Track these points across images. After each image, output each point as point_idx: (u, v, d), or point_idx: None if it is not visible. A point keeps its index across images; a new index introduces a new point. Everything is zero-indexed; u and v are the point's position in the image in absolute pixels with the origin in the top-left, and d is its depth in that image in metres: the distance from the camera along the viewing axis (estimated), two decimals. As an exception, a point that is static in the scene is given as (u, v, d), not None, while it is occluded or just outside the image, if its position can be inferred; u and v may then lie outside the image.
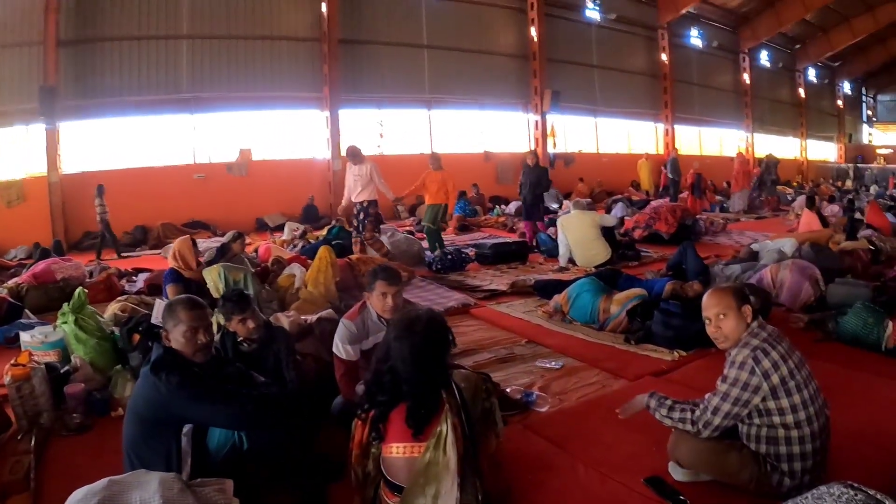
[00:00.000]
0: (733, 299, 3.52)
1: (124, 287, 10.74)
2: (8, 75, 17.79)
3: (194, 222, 19.23)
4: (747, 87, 36.13)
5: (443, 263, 11.40)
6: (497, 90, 26.19)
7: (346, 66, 22.33)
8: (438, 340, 3.33)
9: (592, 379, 5.70)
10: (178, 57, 20.08)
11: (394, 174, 13.13)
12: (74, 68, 18.68)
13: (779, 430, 3.35)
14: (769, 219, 19.75)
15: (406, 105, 24.59)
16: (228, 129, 21.57)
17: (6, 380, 4.97)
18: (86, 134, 19.63)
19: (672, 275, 9.19)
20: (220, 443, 3.72)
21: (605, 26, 29.34)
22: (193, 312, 3.51)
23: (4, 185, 17.60)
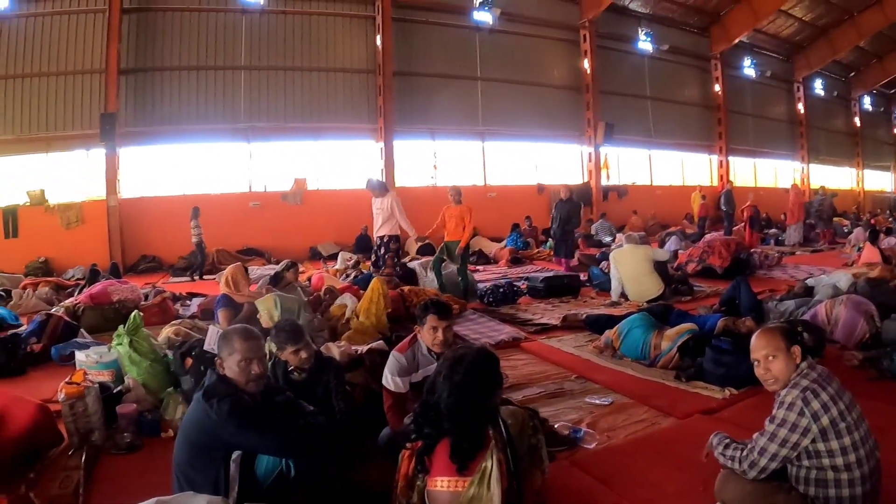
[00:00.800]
0: (782, 340, 3.46)
1: (178, 311, 10.99)
2: (70, 101, 18.53)
3: (249, 249, 19.49)
4: (802, 116, 35.75)
5: (494, 296, 11.37)
6: (550, 122, 26.22)
7: (401, 97, 22.59)
8: (484, 379, 3.32)
9: (641, 416, 5.61)
10: (235, 87, 20.60)
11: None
12: (134, 96, 19.35)
13: (828, 472, 3.26)
14: (825, 252, 19.44)
15: (459, 136, 24.74)
16: (284, 158, 21.97)
17: (60, 397, 5.05)
18: (144, 160, 20.21)
19: (725, 310, 9.07)
20: (267, 469, 3.72)
21: (658, 57, 29.29)
22: (249, 343, 3.57)
23: (64, 207, 18.20)
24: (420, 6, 23.39)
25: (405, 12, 22.95)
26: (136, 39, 19.35)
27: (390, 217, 11.90)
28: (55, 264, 17.35)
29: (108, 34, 18.38)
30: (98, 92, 18.71)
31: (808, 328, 6.77)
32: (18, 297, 12.03)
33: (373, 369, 5.65)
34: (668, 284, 11.17)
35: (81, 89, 18.78)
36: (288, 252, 17.42)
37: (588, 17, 26.09)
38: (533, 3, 25.67)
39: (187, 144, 20.66)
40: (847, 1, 30.53)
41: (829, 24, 32.56)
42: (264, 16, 20.86)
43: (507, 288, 11.78)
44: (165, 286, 13.87)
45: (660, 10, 29.06)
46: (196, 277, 16.04)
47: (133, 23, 19.30)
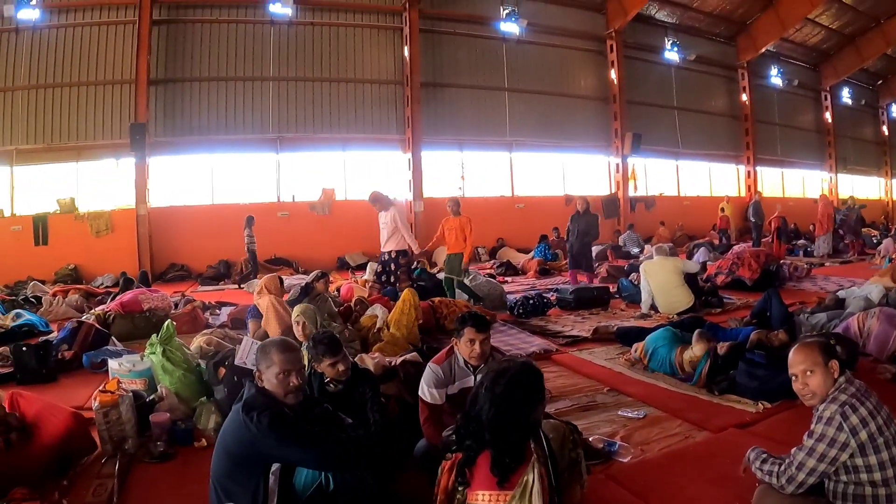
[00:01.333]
0: (820, 355, 3.44)
1: (208, 320, 11.11)
2: (101, 111, 18.82)
3: (277, 259, 19.58)
4: (829, 126, 35.42)
5: (524, 308, 11.34)
6: (577, 133, 26.18)
7: (428, 108, 22.67)
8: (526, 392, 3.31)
9: (675, 430, 5.59)
10: (264, 98, 20.75)
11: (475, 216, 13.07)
12: (164, 106, 19.55)
13: (866, 487, 3.25)
14: (854, 263, 19.30)
15: (487, 147, 24.74)
16: (312, 168, 22.02)
17: (94, 405, 5.10)
18: (173, 169, 20.39)
19: (756, 323, 9.05)
20: (306, 483, 3.73)
21: (685, 67, 29.18)
22: (287, 355, 3.60)
23: (94, 215, 18.44)
24: (447, 17, 23.47)
25: (432, 23, 23.03)
26: (166, 50, 19.58)
27: (395, 231, 11.80)
28: (84, 272, 17.57)
29: (138, 45, 18.60)
30: (128, 102, 18.95)
31: (841, 341, 6.70)
32: (49, 304, 12.13)
33: (406, 381, 5.67)
34: (698, 297, 11.12)
35: (112, 99, 19.02)
36: (316, 262, 17.53)
37: (615, 27, 26.06)
38: (559, 14, 25.68)
39: (216, 154, 20.81)
40: (874, 8, 30.29)
41: (856, 32, 32.35)
42: (293, 27, 20.98)
43: (537, 299, 11.73)
44: (194, 295, 13.94)
45: (686, 20, 28.93)
46: (244, 287, 16.09)
47: (162, 34, 19.52)
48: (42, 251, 17.78)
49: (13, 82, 18.29)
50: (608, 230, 25.73)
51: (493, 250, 22.53)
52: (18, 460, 4.42)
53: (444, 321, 9.59)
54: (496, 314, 11.06)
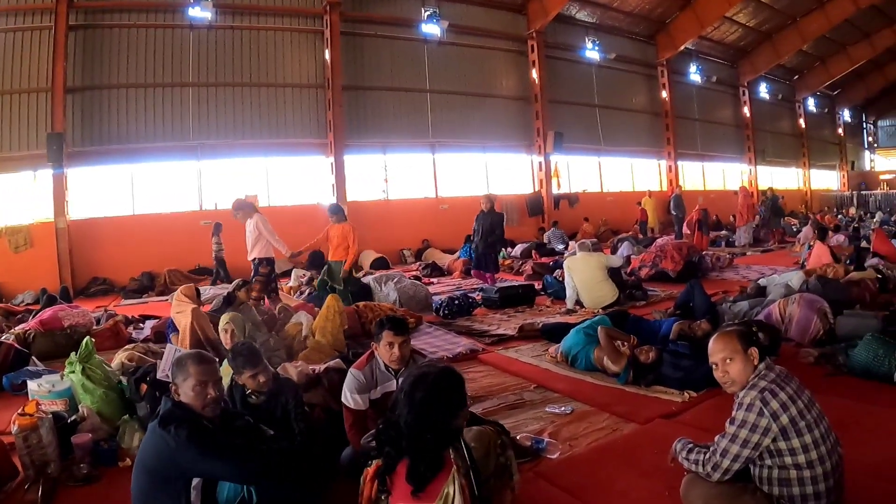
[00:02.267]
0: (739, 343, 3.52)
1: (131, 334, 10.82)
2: (16, 121, 18.12)
3: (201, 268, 19.25)
4: (748, 120, 36.47)
5: (450, 308, 11.37)
6: (500, 132, 26.33)
7: (350, 111, 22.52)
8: (446, 398, 3.27)
9: (602, 423, 5.63)
10: (184, 104, 20.34)
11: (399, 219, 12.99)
12: (82, 115, 18.96)
13: (791, 470, 3.32)
14: (775, 251, 19.79)
15: (410, 149, 24.71)
16: (235, 175, 21.72)
17: (13, 429, 4.95)
18: (93, 180, 19.83)
19: (680, 314, 9.19)
20: (229, 497, 3.71)
21: (605, 66, 29.54)
22: (203, 367, 3.54)
23: (12, 230, 17.74)
24: (368, 20, 23.36)
25: (354, 26, 22.89)
26: (83, 57, 19.00)
27: (259, 238, 11.54)
28: (4, 289, 16.94)
29: (54, 52, 18.01)
30: (44, 111, 18.31)
31: (763, 328, 6.84)
32: (-33, 324, 11.72)
33: (331, 388, 5.60)
34: (622, 290, 11.26)
35: (27, 109, 18.36)
36: (241, 270, 17.18)
37: (535, 27, 26.27)
38: (481, 15, 25.80)
39: (137, 164, 20.29)
40: (790, 6, 31.23)
41: (773, 29, 33.29)
42: (212, 31, 20.62)
43: (462, 300, 11.78)
44: (117, 309, 13.65)
45: (606, 20, 29.34)
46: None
47: (79, 40, 18.94)
48: (-42, 269, 17.18)
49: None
50: (532, 228, 25.96)
51: (419, 252, 22.47)
52: None
53: (369, 325, 9.50)
54: (422, 316, 11.05)
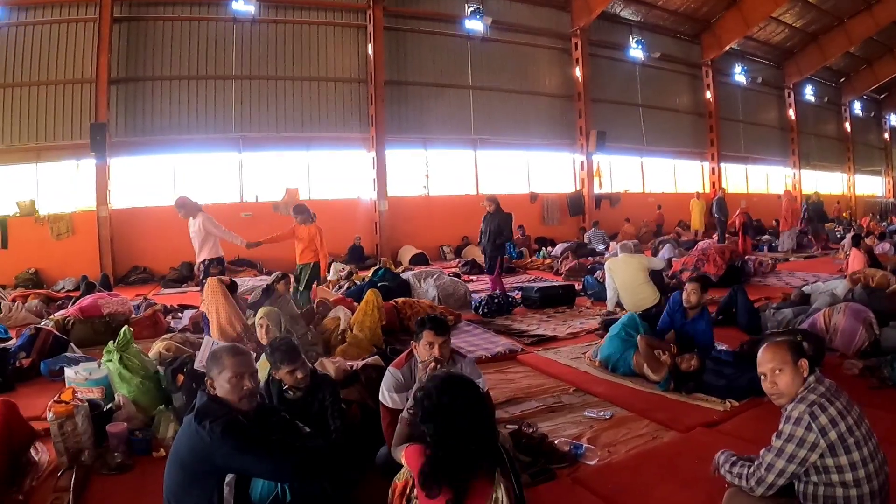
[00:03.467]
0: (789, 354, 3.40)
1: (170, 324, 10.94)
2: (60, 111, 18.43)
3: (240, 260, 19.30)
4: (793, 122, 35.83)
5: (489, 307, 11.33)
6: (542, 130, 26.21)
7: (392, 106, 22.57)
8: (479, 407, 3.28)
9: (642, 430, 5.54)
10: (226, 97, 20.52)
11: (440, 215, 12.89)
12: (125, 106, 19.23)
13: (837, 488, 3.20)
14: (818, 258, 19.44)
15: (452, 145, 24.66)
16: (276, 168, 21.87)
17: (49, 416, 4.96)
18: (135, 170, 20.13)
19: (722, 319, 9.13)
20: (262, 494, 3.69)
21: (649, 65, 29.31)
22: (238, 358, 3.50)
23: (54, 217, 18.11)
24: (411, 15, 23.36)
25: (396, 21, 22.91)
26: (127, 49, 19.23)
27: (206, 238, 10.64)
28: (45, 276, 17.25)
29: (99, 44, 18.26)
30: (88, 102, 18.61)
31: (807, 336, 6.72)
32: (7, 310, 11.80)
33: (368, 385, 5.55)
34: (663, 293, 11.08)
35: (72, 99, 18.66)
36: (280, 263, 17.29)
37: (579, 25, 26.08)
38: (524, 12, 25.67)
39: (178, 154, 20.57)
40: (837, 7, 30.68)
41: (820, 31, 32.70)
42: (255, 25, 20.76)
43: (502, 298, 11.74)
44: (156, 298, 13.73)
45: (651, 18, 29.08)
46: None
47: (123, 32, 19.18)
48: (1, 255, 17.46)
49: (-31, 82, 17.94)
50: (573, 227, 25.82)
51: (458, 249, 22.49)
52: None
53: (407, 322, 9.52)
54: (460, 314, 11.03)
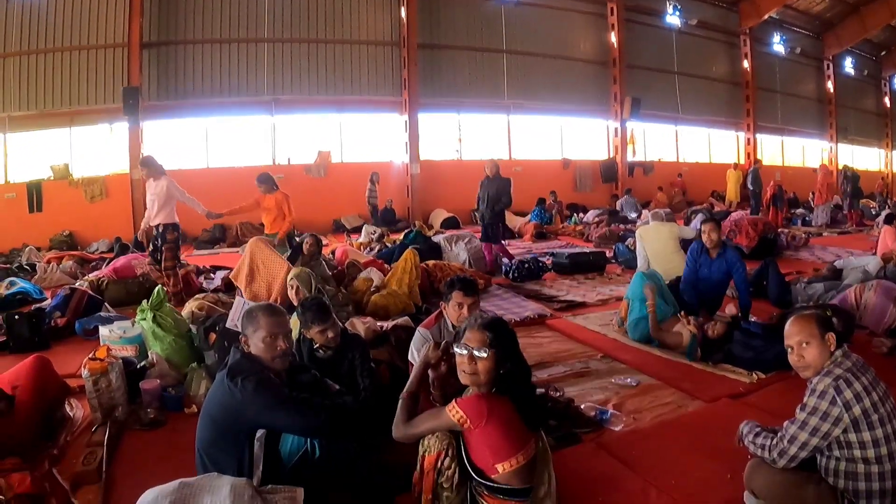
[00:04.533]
0: (816, 327, 3.38)
1: (202, 284, 11.06)
2: (93, 76, 18.59)
3: (272, 222, 19.50)
4: (831, 95, 35.11)
5: (519, 272, 11.36)
6: (576, 96, 25.99)
7: (425, 70, 22.51)
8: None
9: (668, 399, 5.56)
10: (258, 60, 20.56)
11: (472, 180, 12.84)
12: (157, 69, 19.36)
13: (859, 464, 3.21)
14: (852, 234, 19.16)
15: (485, 110, 24.58)
16: (308, 131, 22.00)
17: (84, 373, 5.05)
18: (168, 133, 20.34)
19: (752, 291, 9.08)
20: (292, 450, 3.76)
21: (686, 32, 28.84)
22: (274, 319, 3.52)
23: (88, 180, 18.37)
24: (445, -23, 23.18)
25: (430, -17, 22.77)
26: (159, 12, 19.31)
27: (167, 202, 10.14)
28: (79, 238, 17.50)
29: (131, 8, 18.37)
30: (121, 66, 18.76)
31: (837, 312, 6.64)
32: (42, 272, 12.06)
33: (398, 346, 5.63)
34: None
35: (104, 63, 18.80)
36: (312, 225, 17.41)
37: (615, -11, 25.79)
38: (560, -25, 25.37)
39: (211, 118, 20.75)
40: (880, -23, 30.00)
41: (861, 2, 31.80)
42: (288, -13, 20.75)
43: (533, 263, 11.76)
44: (189, 259, 13.87)
45: (689, -17, 28.62)
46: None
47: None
48: (37, 218, 17.66)
49: (4, 49, 18.04)
50: (605, 194, 25.73)
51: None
52: (7, 428, 4.41)
53: (437, 284, 9.54)
54: (490, 278, 11.09)
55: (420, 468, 3.29)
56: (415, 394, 3.57)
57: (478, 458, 3.17)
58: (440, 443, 3.21)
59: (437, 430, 3.25)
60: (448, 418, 3.16)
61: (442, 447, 3.20)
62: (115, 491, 4.02)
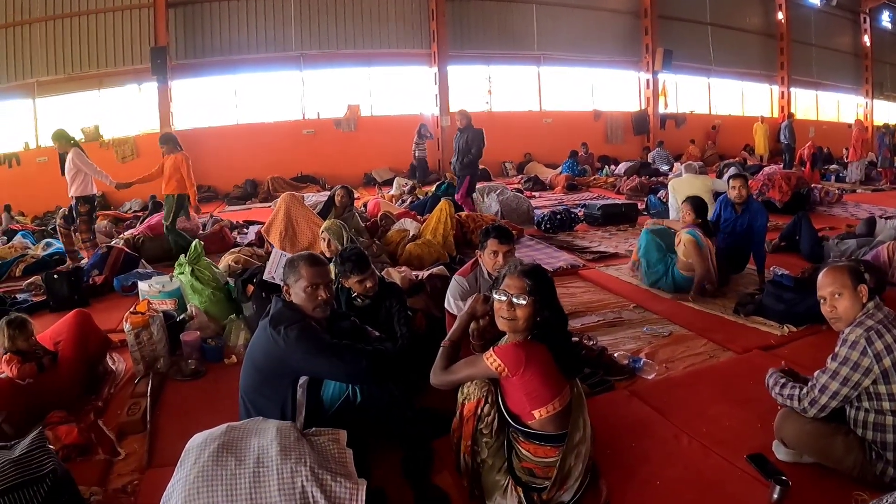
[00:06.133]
0: (849, 278, 3.43)
1: (236, 239, 11.16)
2: (119, 37, 18.64)
3: (303, 176, 19.62)
4: (867, 49, 34.08)
5: (551, 223, 11.40)
6: (607, 48, 25.65)
7: (454, 22, 22.33)
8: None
9: (699, 349, 5.62)
10: (285, 14, 20.46)
11: (502, 131, 12.79)
12: (184, 28, 19.35)
13: (887, 416, 3.27)
14: (886, 191, 18.90)
15: (514, 62, 24.33)
16: (337, 85, 21.88)
17: (126, 327, 5.16)
18: (197, 92, 20.34)
19: (785, 245, 9.10)
20: (333, 396, 3.81)
21: (720, -20, 28.37)
22: (315, 269, 3.57)
23: (119, 141, 18.56)
24: (474, -75, 22.92)
25: (459, -67, 22.52)
26: (184, -29, 19.28)
27: (77, 174, 9.79)
28: (112, 198, 17.52)
29: (155, -33, 18.36)
30: (147, 26, 18.81)
31: (870, 268, 6.59)
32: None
33: (433, 294, 5.68)
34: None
35: (130, 25, 18.83)
36: (342, 178, 17.50)
37: (647, -63, 25.43)
38: (591, -77, 25.01)
39: (239, 75, 20.72)
40: (920, -73, 29.31)
41: (900, -48, 31.29)
42: (314, -61, 20.64)
43: (564, 215, 11.76)
44: (222, 215, 14.00)
45: (723, -69, 28.13)
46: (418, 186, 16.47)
47: (180, -46, 19.24)
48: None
49: (30, 14, 18.12)
50: (637, 147, 25.57)
51: (521, 165, 22.56)
52: (53, 383, 4.54)
53: (471, 235, 9.64)
54: (523, 229, 11.14)
55: (459, 415, 3.37)
56: (456, 342, 3.60)
57: (514, 405, 3.23)
58: (479, 390, 3.27)
59: (474, 377, 3.31)
60: (486, 366, 3.21)
61: (481, 394, 3.26)
62: (159, 439, 4.15)
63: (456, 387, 3.42)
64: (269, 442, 2.93)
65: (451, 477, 3.60)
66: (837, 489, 3.42)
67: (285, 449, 2.90)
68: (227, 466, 2.81)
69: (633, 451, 3.88)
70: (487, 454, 3.30)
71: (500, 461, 3.29)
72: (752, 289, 7.22)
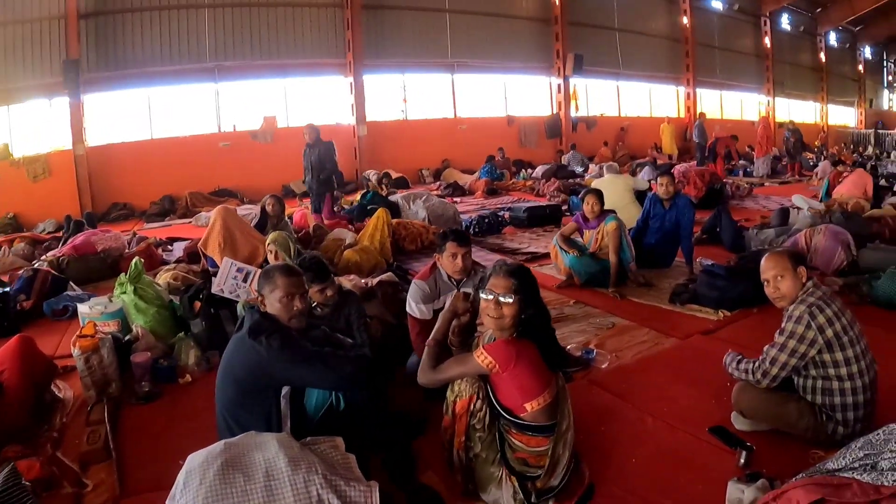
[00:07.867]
0: (789, 261, 3.84)
1: (162, 256, 10.99)
2: (29, 50, 17.82)
3: (221, 190, 19.31)
4: (768, 50, 35.60)
5: (480, 227, 11.62)
6: (520, 54, 26.00)
7: (369, 31, 22.31)
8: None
9: (643, 338, 5.90)
10: (199, 25, 20.08)
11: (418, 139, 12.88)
12: (96, 40, 18.69)
13: (833, 381, 3.66)
14: (792, 184, 19.59)
15: (429, 70, 24.44)
16: (253, 96, 21.63)
17: (74, 352, 4.99)
18: (110, 106, 19.72)
19: (707, 238, 9.45)
20: (317, 404, 3.85)
21: (626, -12, 28.99)
22: (291, 279, 3.62)
23: (30, 159, 17.68)
24: (387, -64, 22.98)
25: (371, -57, 22.56)
26: (96, -20, 18.88)
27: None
28: (24, 220, 16.86)
29: (66, -23, 17.90)
30: (58, 38, 18.13)
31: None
32: (-5, 256, 11.76)
33: (385, 300, 5.78)
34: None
35: (41, 37, 18.09)
36: (261, 191, 17.27)
37: (555, -55, 25.81)
38: (501, -69, 25.32)
39: (154, 87, 20.20)
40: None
41: (797, -41, 32.39)
42: (227, -51, 20.42)
43: (492, 218, 12.02)
44: (142, 233, 13.70)
45: (627, -61, 28.75)
46: None
47: (91, -37, 18.79)
48: (-24, 201, 17.16)
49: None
50: (551, 150, 25.98)
51: (438, 171, 22.54)
52: (2, 415, 4.37)
53: (402, 242, 9.74)
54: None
55: (451, 413, 3.46)
56: (442, 341, 3.68)
57: (506, 399, 3.37)
58: (471, 387, 3.39)
59: (466, 375, 3.42)
60: (476, 364, 3.34)
61: (473, 391, 3.38)
62: (128, 466, 4.05)
63: (445, 384, 3.51)
64: (274, 454, 2.97)
65: (436, 476, 3.71)
66: (796, 450, 3.75)
67: (294, 459, 2.95)
68: (235, 484, 2.83)
69: (604, 434, 4.10)
70: (481, 448, 3.41)
71: (493, 454, 3.41)
72: (682, 280, 7.55)
